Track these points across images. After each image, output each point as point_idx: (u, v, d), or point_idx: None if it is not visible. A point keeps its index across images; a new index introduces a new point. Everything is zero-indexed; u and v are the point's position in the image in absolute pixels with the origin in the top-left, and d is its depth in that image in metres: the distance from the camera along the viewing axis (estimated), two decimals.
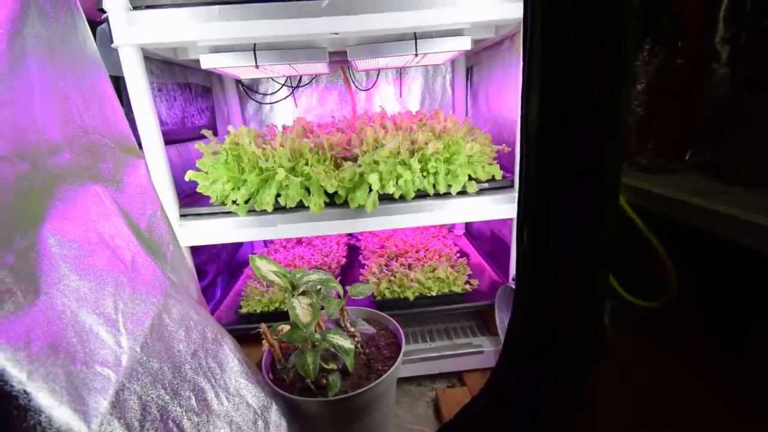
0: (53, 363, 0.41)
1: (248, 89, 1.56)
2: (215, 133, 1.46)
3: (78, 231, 0.51)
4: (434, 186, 1.04)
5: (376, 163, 1.00)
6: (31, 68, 0.49)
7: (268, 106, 1.60)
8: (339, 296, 0.94)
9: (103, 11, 0.89)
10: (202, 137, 1.22)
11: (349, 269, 1.40)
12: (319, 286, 0.92)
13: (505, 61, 1.29)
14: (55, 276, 0.46)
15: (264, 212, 1.01)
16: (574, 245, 0.79)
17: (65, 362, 0.43)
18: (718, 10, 0.87)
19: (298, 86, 1.56)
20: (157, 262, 0.63)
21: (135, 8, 0.90)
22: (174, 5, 0.90)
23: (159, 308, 0.57)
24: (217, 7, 0.89)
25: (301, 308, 0.87)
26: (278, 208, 1.02)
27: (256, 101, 1.58)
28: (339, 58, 1.42)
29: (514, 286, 1.09)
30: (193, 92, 1.30)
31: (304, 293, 0.91)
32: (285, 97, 1.57)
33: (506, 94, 1.31)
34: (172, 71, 1.18)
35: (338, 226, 1.04)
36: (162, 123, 1.11)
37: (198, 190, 1.02)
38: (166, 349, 0.56)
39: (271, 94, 1.57)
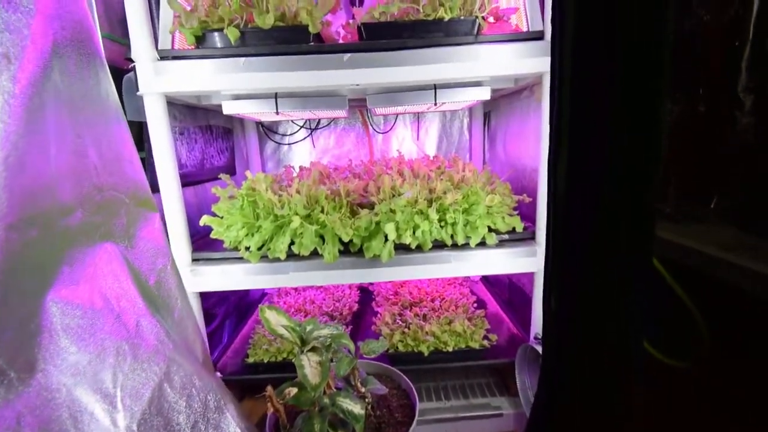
0: None
1: (268, 130, 1.59)
2: (233, 172, 1.48)
3: (83, 296, 0.49)
4: (452, 237, 1.00)
5: (393, 212, 0.98)
6: (49, 128, 0.49)
7: (287, 146, 1.62)
8: (350, 352, 0.90)
9: (131, 60, 0.92)
10: (221, 178, 1.23)
11: (362, 316, 1.35)
12: (329, 342, 0.87)
13: (524, 109, 1.29)
14: (54, 349, 0.43)
15: (277, 259, 0.98)
16: (606, 311, 0.74)
17: None
18: (740, 59, 0.86)
19: (316, 128, 1.58)
20: (163, 324, 0.60)
21: (162, 58, 0.92)
22: (200, 57, 0.93)
23: (160, 377, 0.54)
24: (241, 59, 0.91)
25: (310, 367, 0.83)
26: (291, 255, 0.99)
27: (275, 142, 1.60)
28: (358, 103, 1.44)
29: (535, 346, 1.02)
30: (214, 133, 1.32)
31: (313, 349, 0.87)
32: (303, 138, 1.59)
33: (525, 142, 1.29)
34: (195, 115, 1.21)
35: (352, 276, 1.01)
36: (181, 166, 1.12)
37: (212, 236, 1.00)
38: (165, 424, 0.52)
39: (290, 134, 1.59)
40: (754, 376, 0.71)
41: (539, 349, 0.99)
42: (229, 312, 1.32)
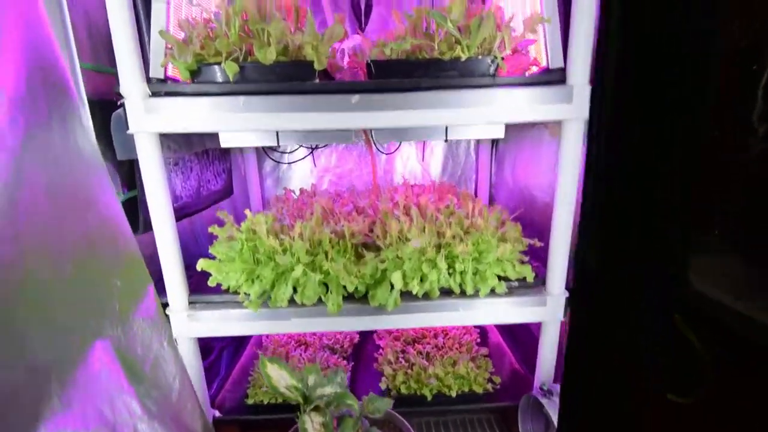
0: None
1: (267, 148, 1.51)
2: (231, 193, 1.42)
3: (76, 421, 0.45)
4: (461, 285, 0.96)
5: (400, 258, 0.94)
6: (17, 219, 0.44)
7: (287, 164, 1.55)
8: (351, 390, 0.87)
9: (120, 95, 0.85)
10: (217, 201, 1.17)
11: (363, 347, 1.32)
12: (332, 400, 0.85)
13: (535, 138, 1.24)
14: None
15: (278, 306, 0.94)
16: (629, 365, 0.73)
17: None
18: (757, 86, 0.82)
19: (317, 147, 1.51)
20: (161, 419, 0.56)
21: (154, 95, 0.85)
22: (195, 93, 0.85)
23: None
24: (241, 97, 0.84)
25: (313, 430, 0.81)
26: (293, 302, 0.95)
27: (275, 160, 1.53)
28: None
29: (540, 397, 1.00)
30: (211, 157, 1.26)
31: (316, 408, 0.85)
32: (304, 157, 1.52)
33: (535, 171, 1.24)
34: (190, 143, 1.14)
35: (356, 323, 0.98)
36: (176, 198, 1.06)
37: (210, 282, 0.96)
38: None
39: (290, 152, 1.52)
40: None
41: (543, 401, 0.98)
42: (227, 342, 1.29)
